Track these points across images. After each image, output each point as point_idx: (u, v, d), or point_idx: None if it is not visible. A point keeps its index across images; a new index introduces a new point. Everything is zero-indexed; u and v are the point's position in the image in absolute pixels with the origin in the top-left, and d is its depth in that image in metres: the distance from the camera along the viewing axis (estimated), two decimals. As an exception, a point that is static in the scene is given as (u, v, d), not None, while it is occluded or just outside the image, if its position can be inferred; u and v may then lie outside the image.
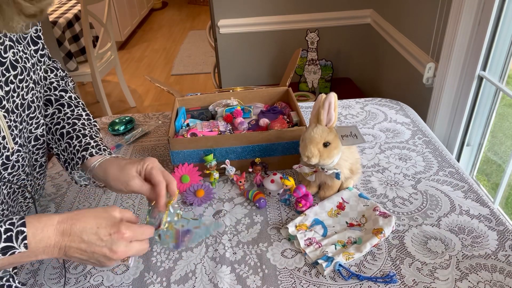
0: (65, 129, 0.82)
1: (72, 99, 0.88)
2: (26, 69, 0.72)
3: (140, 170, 0.74)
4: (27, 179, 0.79)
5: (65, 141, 0.81)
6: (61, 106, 0.85)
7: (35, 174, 0.84)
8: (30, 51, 0.75)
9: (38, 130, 0.80)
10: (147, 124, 1.32)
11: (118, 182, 0.73)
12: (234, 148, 1.03)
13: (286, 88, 1.24)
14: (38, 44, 0.78)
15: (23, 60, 0.71)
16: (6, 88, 0.67)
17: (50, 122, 0.84)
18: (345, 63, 2.40)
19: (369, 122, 1.27)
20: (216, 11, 2.19)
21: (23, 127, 0.74)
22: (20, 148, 0.73)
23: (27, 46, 0.74)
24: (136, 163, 0.74)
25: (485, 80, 1.36)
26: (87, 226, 0.61)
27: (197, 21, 5.64)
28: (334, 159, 0.89)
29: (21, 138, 0.73)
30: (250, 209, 0.96)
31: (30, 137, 0.78)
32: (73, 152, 0.79)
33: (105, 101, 3.01)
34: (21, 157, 0.74)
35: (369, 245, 0.81)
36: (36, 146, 0.81)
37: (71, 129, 0.82)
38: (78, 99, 0.90)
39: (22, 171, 0.76)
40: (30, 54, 0.74)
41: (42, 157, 0.85)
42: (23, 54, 0.71)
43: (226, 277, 0.79)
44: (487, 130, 1.44)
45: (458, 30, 1.34)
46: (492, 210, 0.91)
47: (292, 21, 2.24)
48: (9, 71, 0.68)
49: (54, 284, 0.80)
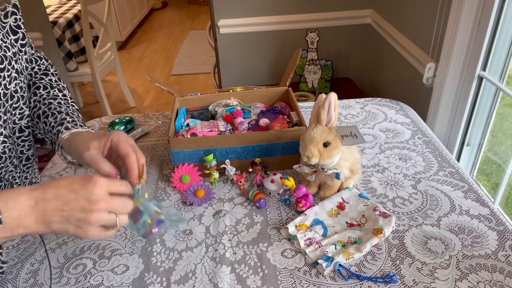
0: (41, 110, 0.80)
1: (53, 82, 0.85)
2: (7, 58, 0.70)
3: (105, 143, 0.70)
4: (15, 171, 0.78)
5: (42, 121, 0.78)
6: (36, 89, 0.83)
7: (22, 167, 0.83)
8: (10, 40, 0.73)
9: (22, 121, 0.78)
10: (147, 124, 1.32)
11: (75, 153, 0.70)
12: (234, 148, 1.03)
13: (286, 88, 1.24)
14: (18, 34, 0.76)
15: (3, 49, 0.70)
16: None
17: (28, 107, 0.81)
18: (345, 63, 2.40)
19: (369, 122, 1.27)
20: (216, 11, 2.19)
21: (7, 118, 0.73)
22: (5, 139, 0.72)
23: (7, 35, 0.73)
24: (101, 136, 0.71)
25: (485, 80, 1.36)
26: (59, 185, 0.58)
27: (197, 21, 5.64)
28: (334, 159, 0.89)
29: (6, 129, 0.72)
30: (250, 209, 0.96)
31: (14, 128, 0.77)
32: (49, 130, 0.77)
33: (105, 101, 3.01)
34: (7, 148, 0.73)
35: (369, 245, 0.81)
36: (21, 137, 0.79)
37: (46, 108, 0.79)
38: (58, 82, 0.87)
39: (10, 163, 0.75)
40: (10, 43, 0.73)
41: (29, 149, 0.83)
42: (2, 43, 0.70)
43: (226, 277, 0.79)
44: (487, 130, 1.44)
45: (458, 30, 1.34)
46: (492, 210, 0.91)
47: (292, 21, 2.24)
48: None
49: (54, 284, 0.80)
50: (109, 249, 0.87)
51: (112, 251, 0.86)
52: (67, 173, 1.11)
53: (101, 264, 0.84)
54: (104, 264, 0.84)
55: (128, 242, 0.89)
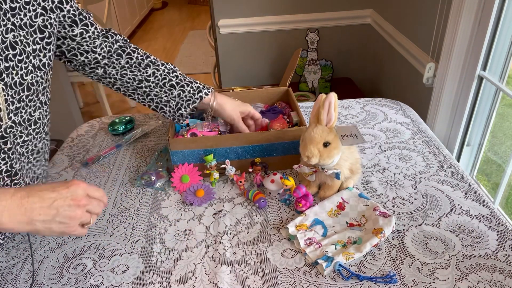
0: (173, 80, 1.01)
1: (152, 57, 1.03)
2: (25, 52, 0.76)
3: (243, 113, 1.06)
4: (20, 160, 0.81)
5: (178, 90, 1.01)
6: (156, 66, 1.01)
7: (32, 160, 0.86)
8: (35, 38, 0.78)
9: (36, 114, 0.83)
10: (147, 124, 1.32)
11: (232, 113, 1.04)
12: (234, 148, 1.03)
13: (286, 88, 1.24)
14: (45, 33, 0.81)
15: (23, 44, 0.76)
16: (6, 64, 0.72)
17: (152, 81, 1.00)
18: (345, 63, 2.40)
19: (369, 122, 1.27)
20: (216, 11, 2.19)
21: (21, 107, 0.77)
22: (13, 124, 0.76)
23: (32, 33, 0.78)
24: (242, 107, 1.06)
25: (485, 80, 1.36)
26: (43, 188, 0.65)
27: (197, 21, 5.64)
28: (334, 159, 0.89)
29: (16, 116, 0.77)
30: (250, 209, 0.96)
31: (30, 120, 0.81)
32: (188, 95, 1.02)
33: (105, 101, 3.01)
34: (12, 133, 0.77)
35: (369, 245, 0.81)
36: (36, 130, 0.84)
37: (178, 80, 1.02)
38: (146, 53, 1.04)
39: (16, 150, 0.78)
40: (32, 41, 0.78)
41: (40, 142, 0.87)
42: (24, 39, 0.76)
43: (226, 277, 0.79)
44: (487, 130, 1.43)
45: (458, 30, 1.34)
46: (492, 210, 0.91)
47: (292, 21, 2.24)
48: (9, 49, 0.73)
49: (54, 284, 0.80)
50: (109, 249, 0.87)
51: (112, 251, 0.86)
52: (67, 173, 1.11)
53: (101, 264, 0.84)
54: (104, 264, 0.84)
55: (128, 242, 0.89)
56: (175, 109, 1.02)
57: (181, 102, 1.02)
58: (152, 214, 0.96)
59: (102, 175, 1.10)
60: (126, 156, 1.18)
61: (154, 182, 1.03)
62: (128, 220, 0.95)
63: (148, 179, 1.04)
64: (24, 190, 0.64)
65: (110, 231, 0.92)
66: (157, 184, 1.04)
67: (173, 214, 0.96)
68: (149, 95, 1.02)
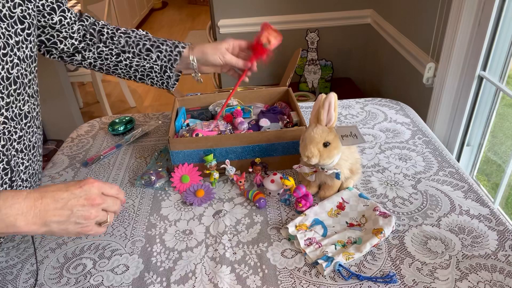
0: (147, 44, 1.03)
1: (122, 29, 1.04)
2: (9, 45, 0.75)
3: (227, 48, 1.02)
4: (16, 155, 0.80)
5: (155, 51, 1.03)
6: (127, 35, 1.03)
7: (31, 156, 0.86)
8: (16, 29, 0.77)
9: (25, 107, 0.82)
10: (147, 124, 1.32)
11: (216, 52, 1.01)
12: (234, 148, 1.03)
13: (286, 88, 1.24)
14: (24, 24, 0.80)
15: (6, 36, 0.74)
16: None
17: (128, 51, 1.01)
18: (345, 63, 2.40)
19: (369, 122, 1.27)
20: (216, 11, 2.19)
21: (10, 101, 0.77)
22: (5, 120, 0.76)
23: (13, 24, 0.77)
24: (222, 43, 1.02)
25: (485, 80, 1.36)
26: (56, 189, 0.64)
27: (197, 21, 5.64)
28: (334, 159, 0.89)
29: (8, 111, 0.76)
30: (250, 209, 0.96)
31: (21, 114, 0.81)
32: (167, 55, 1.02)
33: (105, 101, 3.01)
34: (7, 130, 0.76)
35: (369, 245, 0.81)
36: (27, 124, 0.83)
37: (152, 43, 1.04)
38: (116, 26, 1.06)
39: (11, 146, 0.78)
40: (14, 32, 0.77)
41: (33, 136, 0.86)
42: (6, 31, 0.75)
43: (226, 277, 0.79)
44: (487, 130, 1.44)
45: (458, 30, 1.34)
46: (492, 210, 0.91)
47: (292, 21, 2.24)
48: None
49: (54, 284, 0.80)
50: (109, 249, 0.87)
51: (112, 251, 0.86)
52: (67, 173, 1.11)
53: (101, 264, 0.84)
54: (104, 264, 0.84)
55: (128, 242, 0.89)
56: (161, 72, 1.02)
57: (164, 64, 1.02)
58: (152, 214, 0.96)
59: (102, 175, 1.10)
60: (126, 156, 1.18)
61: (154, 182, 1.03)
62: (128, 220, 0.95)
63: (148, 179, 1.04)
64: (37, 192, 0.62)
65: (110, 231, 0.92)
66: (157, 184, 1.04)
67: (173, 214, 0.96)
68: (132, 66, 1.02)
